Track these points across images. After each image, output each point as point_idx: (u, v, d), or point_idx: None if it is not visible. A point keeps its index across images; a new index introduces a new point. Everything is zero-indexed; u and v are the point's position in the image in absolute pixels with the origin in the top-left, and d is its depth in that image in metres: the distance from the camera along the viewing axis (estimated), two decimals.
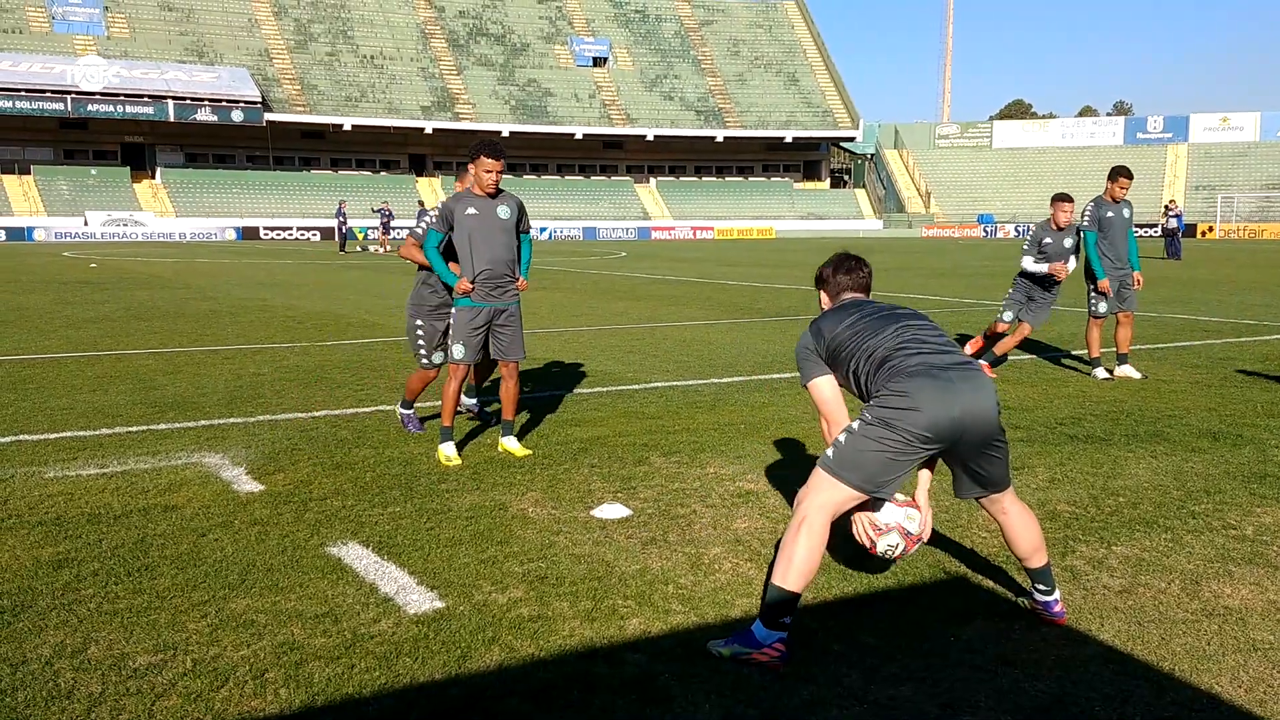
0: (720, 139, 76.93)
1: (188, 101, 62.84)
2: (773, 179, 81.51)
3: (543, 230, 64.81)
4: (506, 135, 68.89)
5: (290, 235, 62.05)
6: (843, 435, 3.52)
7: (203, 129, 65.42)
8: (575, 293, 19.29)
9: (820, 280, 3.97)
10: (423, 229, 6.53)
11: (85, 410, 7.55)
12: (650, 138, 75.48)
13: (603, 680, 3.25)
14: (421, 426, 6.83)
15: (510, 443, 6.24)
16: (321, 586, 4.01)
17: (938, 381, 3.41)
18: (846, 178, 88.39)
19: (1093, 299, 9.46)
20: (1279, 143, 75.01)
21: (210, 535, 4.64)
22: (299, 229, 62.38)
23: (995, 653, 3.45)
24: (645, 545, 4.53)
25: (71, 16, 65.68)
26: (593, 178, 77.49)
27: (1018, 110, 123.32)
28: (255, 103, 64.38)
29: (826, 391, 3.73)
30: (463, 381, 6.24)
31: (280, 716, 3.04)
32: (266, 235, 61.33)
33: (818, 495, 3.48)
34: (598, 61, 78.65)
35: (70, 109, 60.61)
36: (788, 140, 78.52)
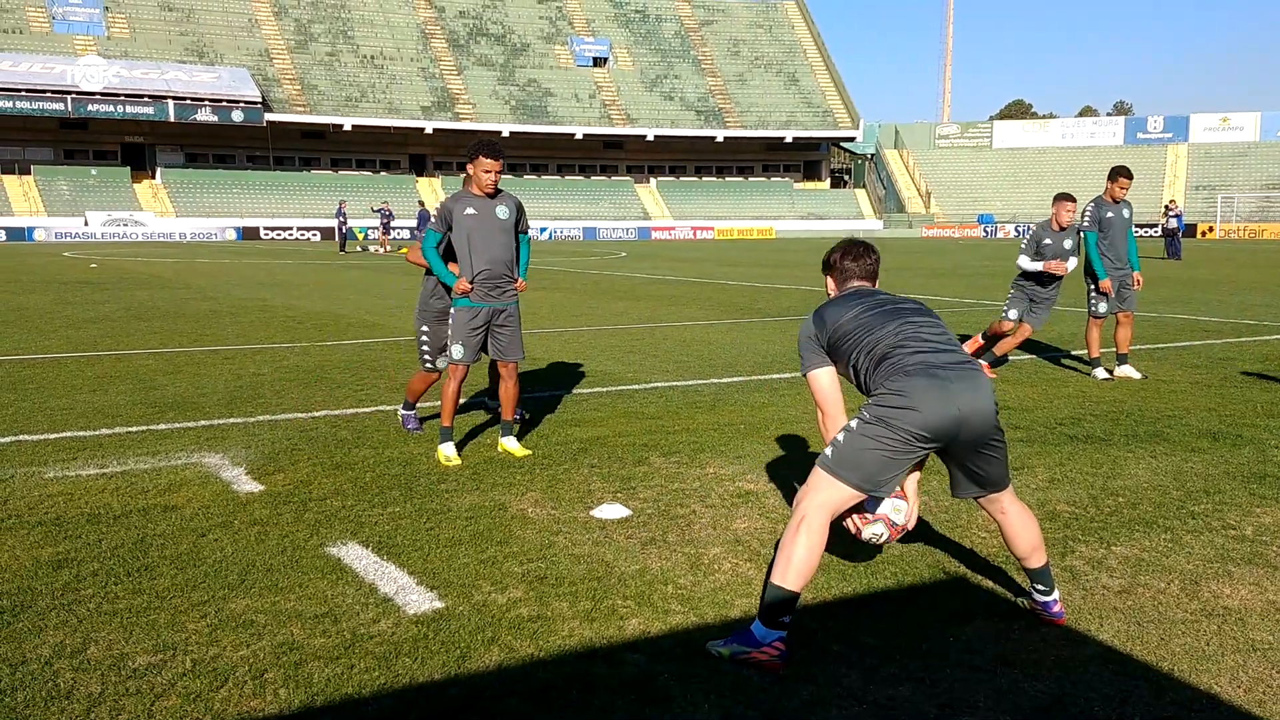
0: (720, 139, 76.92)
1: (188, 101, 62.84)
2: (773, 179, 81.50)
3: (543, 230, 64.82)
4: (507, 135, 68.91)
5: (290, 235, 62.07)
6: (841, 434, 3.53)
7: (203, 129, 65.43)
8: (575, 293, 19.29)
9: (828, 265, 3.99)
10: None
11: (85, 410, 7.55)
12: (650, 138, 75.48)
13: (602, 680, 3.25)
14: (421, 427, 6.84)
15: (510, 443, 6.24)
16: (321, 587, 4.01)
17: (936, 381, 3.42)
18: (847, 178, 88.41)
19: (1093, 299, 9.46)
20: (1279, 143, 75.02)
21: (210, 535, 4.64)
22: (299, 229, 62.39)
23: (994, 653, 3.45)
24: (645, 545, 4.53)
25: (72, 16, 65.68)
26: (593, 178, 77.48)
27: (1018, 110, 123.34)
28: (255, 103, 64.38)
29: (825, 383, 3.75)
30: (462, 382, 6.24)
31: (279, 716, 3.04)
32: (267, 235, 61.34)
33: (817, 494, 3.49)
34: (598, 61, 78.64)
35: (70, 109, 60.61)
36: (788, 140, 78.52)
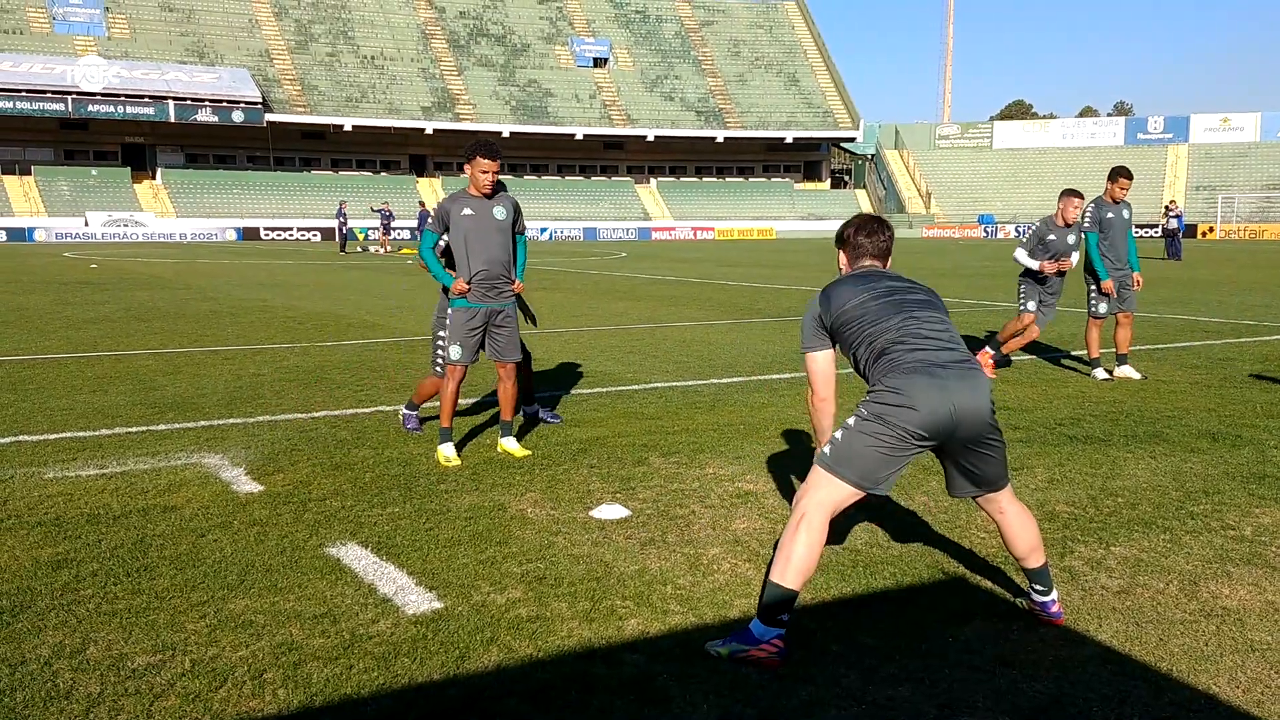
0: (721, 139, 76.95)
1: (188, 102, 62.88)
2: (773, 179, 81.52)
3: (543, 231, 64.83)
4: (507, 136, 68.96)
5: (291, 236, 62.08)
6: (839, 432, 3.55)
7: (203, 129, 65.46)
8: (575, 293, 19.29)
9: (841, 239, 4.02)
10: None
11: (85, 411, 7.55)
12: (651, 138, 75.51)
13: (601, 681, 3.25)
14: (421, 428, 6.84)
15: (509, 443, 6.24)
16: (320, 587, 4.02)
17: (933, 380, 3.44)
18: (847, 178, 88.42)
19: (1093, 299, 9.46)
20: (1279, 143, 75.01)
21: (209, 536, 4.64)
22: (299, 229, 62.41)
23: (993, 653, 3.45)
24: (644, 546, 4.53)
25: (72, 17, 65.71)
26: (593, 178, 77.51)
27: (1018, 110, 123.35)
28: (256, 103, 64.41)
29: (821, 365, 3.84)
30: (460, 382, 6.24)
31: (279, 717, 3.04)
32: (267, 236, 61.35)
33: (816, 493, 3.50)
34: (598, 62, 78.66)
35: (71, 109, 60.65)
36: (788, 141, 78.56)
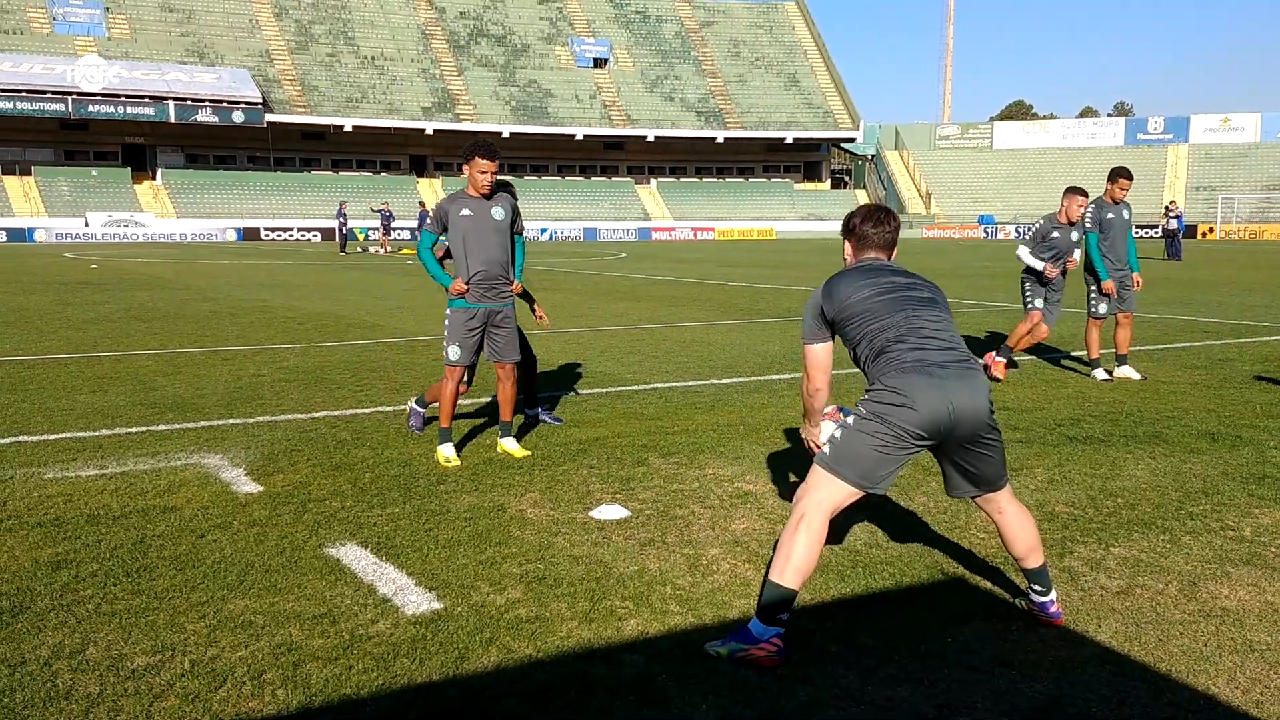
0: (721, 140, 76.95)
1: (188, 102, 62.88)
2: (773, 180, 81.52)
3: (543, 231, 64.85)
4: (507, 136, 68.98)
5: (291, 236, 62.08)
6: (838, 431, 3.56)
7: (203, 130, 65.46)
8: (575, 293, 19.29)
9: (847, 229, 4.03)
10: None
11: (85, 411, 7.56)
12: (651, 139, 75.51)
13: (600, 681, 3.25)
14: (422, 428, 6.83)
15: (509, 444, 6.25)
16: (320, 587, 4.02)
17: (932, 379, 3.45)
18: (847, 179, 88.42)
19: (1093, 300, 9.46)
20: (1279, 144, 75.00)
21: (209, 536, 4.64)
22: (299, 230, 62.41)
23: (992, 654, 3.45)
24: (643, 546, 4.53)
25: (72, 17, 65.73)
26: (593, 179, 77.51)
27: (1018, 111, 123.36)
28: (256, 103, 64.42)
29: (819, 357, 3.84)
30: (459, 383, 6.24)
31: (278, 717, 3.04)
32: (267, 236, 61.35)
33: (816, 493, 3.50)
34: (598, 62, 78.66)
35: (71, 110, 60.65)
36: (788, 141, 78.55)
